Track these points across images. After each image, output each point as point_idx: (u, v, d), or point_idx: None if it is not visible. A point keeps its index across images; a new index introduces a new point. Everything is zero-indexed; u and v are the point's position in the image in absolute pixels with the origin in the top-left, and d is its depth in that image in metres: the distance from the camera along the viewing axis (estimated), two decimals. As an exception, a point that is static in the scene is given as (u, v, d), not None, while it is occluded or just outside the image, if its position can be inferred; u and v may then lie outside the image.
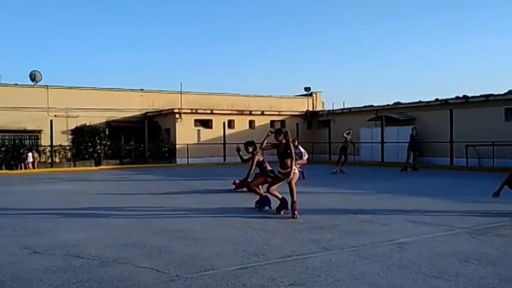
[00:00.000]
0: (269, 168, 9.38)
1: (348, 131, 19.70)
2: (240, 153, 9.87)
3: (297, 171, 8.30)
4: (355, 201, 10.21)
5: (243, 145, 9.97)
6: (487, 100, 22.27)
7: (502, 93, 22.12)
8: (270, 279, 4.40)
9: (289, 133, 8.42)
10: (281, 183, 8.39)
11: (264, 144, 8.59)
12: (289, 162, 8.13)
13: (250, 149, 9.74)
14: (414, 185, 14.05)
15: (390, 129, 25.63)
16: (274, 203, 8.58)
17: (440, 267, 4.78)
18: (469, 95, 23.35)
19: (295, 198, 8.00)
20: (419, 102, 25.66)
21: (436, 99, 24.78)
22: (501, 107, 21.67)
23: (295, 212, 7.94)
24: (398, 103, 26.99)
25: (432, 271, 4.65)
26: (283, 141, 8.21)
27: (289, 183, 8.06)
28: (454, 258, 5.18)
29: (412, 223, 7.43)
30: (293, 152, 8.27)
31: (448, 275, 4.50)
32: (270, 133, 8.72)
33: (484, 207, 9.05)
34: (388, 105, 27.52)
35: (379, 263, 4.96)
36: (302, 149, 15.61)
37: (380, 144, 25.60)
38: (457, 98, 23.80)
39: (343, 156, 18.86)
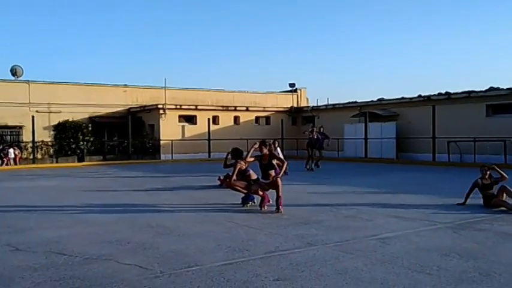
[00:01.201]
0: (254, 177, 9.16)
1: (311, 129, 19.88)
2: (229, 156, 9.79)
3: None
4: (339, 197, 10.24)
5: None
6: (469, 96, 22.59)
7: (484, 89, 22.45)
8: (255, 274, 4.40)
9: (273, 144, 8.54)
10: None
11: (249, 157, 8.76)
12: (273, 173, 8.32)
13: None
14: (397, 181, 14.15)
15: (374, 125, 25.84)
16: (258, 199, 8.60)
17: (422, 262, 4.82)
18: (452, 91, 23.68)
19: (280, 193, 8.04)
20: (403, 98, 25.90)
21: (419, 96, 25.06)
22: (482, 103, 21.99)
23: (280, 207, 7.98)
24: (381, 99, 27.22)
25: (414, 265, 4.69)
26: (267, 153, 8.43)
27: (275, 179, 8.12)
28: (436, 252, 5.23)
29: (395, 218, 7.49)
30: (280, 157, 8.40)
31: (430, 269, 4.55)
32: (255, 146, 8.82)
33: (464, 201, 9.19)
34: (372, 101, 27.75)
35: (363, 258, 4.99)
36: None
37: (363, 140, 25.81)
38: (440, 94, 24.09)
39: (312, 152, 18.68)
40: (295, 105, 34.39)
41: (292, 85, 35.73)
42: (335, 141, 27.99)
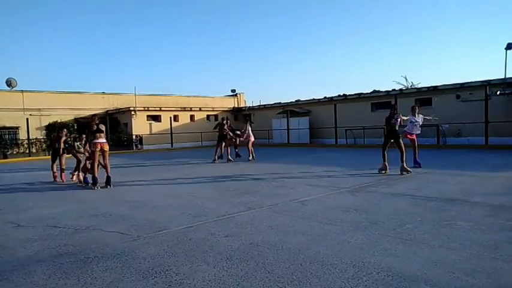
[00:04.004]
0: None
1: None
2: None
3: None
4: (270, 172, 10.28)
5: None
6: (359, 97, 23.52)
7: (369, 92, 23.50)
8: (210, 233, 4.38)
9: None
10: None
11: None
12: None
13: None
14: (311, 159, 14.33)
15: (293, 120, 26.34)
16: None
17: (330, 216, 4.97)
18: (347, 93, 24.55)
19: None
20: (313, 99, 26.48)
21: (325, 97, 25.72)
22: (368, 102, 23.00)
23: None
24: (298, 100, 27.71)
25: (325, 219, 4.83)
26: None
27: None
28: (340, 209, 5.39)
29: (311, 186, 7.64)
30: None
31: (336, 222, 4.70)
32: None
33: (358, 172, 9.61)
34: (291, 102, 28.19)
35: (289, 216, 5.07)
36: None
37: (286, 130, 26.27)
38: (339, 95, 24.87)
39: (223, 143, 14.91)
40: (236, 105, 34.26)
41: (233, 91, 35.71)
42: (266, 132, 28.42)
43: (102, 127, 8.66)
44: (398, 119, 9.22)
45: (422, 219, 4.69)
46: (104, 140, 8.60)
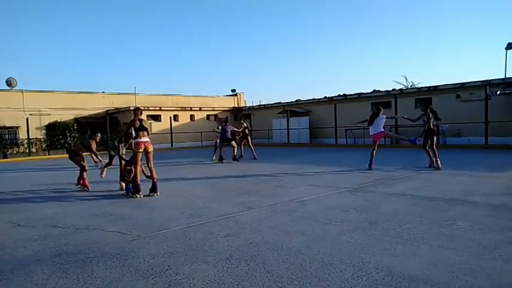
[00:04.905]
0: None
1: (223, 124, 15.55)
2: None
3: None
4: (271, 172, 10.29)
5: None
6: (359, 97, 23.51)
7: (369, 91, 23.49)
8: (210, 233, 4.38)
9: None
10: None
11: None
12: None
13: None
14: (310, 159, 14.34)
15: (293, 119, 26.31)
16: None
17: (330, 216, 4.96)
18: (347, 93, 24.55)
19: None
20: (313, 99, 26.47)
21: (325, 97, 25.72)
22: (368, 102, 22.96)
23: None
24: (298, 100, 27.70)
25: (325, 219, 4.82)
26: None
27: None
28: (339, 209, 5.38)
29: (311, 186, 7.63)
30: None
31: (335, 221, 4.70)
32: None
33: (358, 172, 9.61)
34: (291, 101, 28.18)
35: (288, 216, 5.07)
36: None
37: (286, 130, 26.26)
38: (339, 95, 24.86)
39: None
40: (236, 105, 34.24)
41: (233, 90, 35.64)
42: (266, 131, 28.40)
43: (146, 123, 7.36)
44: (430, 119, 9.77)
45: (422, 219, 4.69)
46: (148, 139, 7.31)
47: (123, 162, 7.83)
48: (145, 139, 7.20)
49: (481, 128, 17.36)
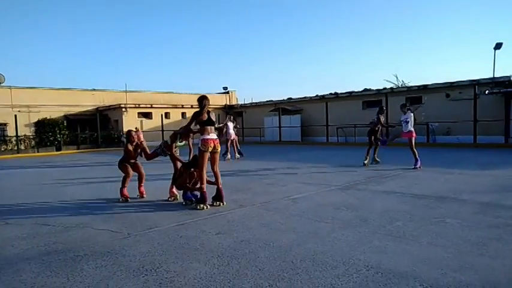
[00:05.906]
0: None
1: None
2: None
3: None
4: (262, 170, 10.31)
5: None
6: (351, 95, 23.63)
7: (360, 90, 23.61)
8: (201, 231, 4.37)
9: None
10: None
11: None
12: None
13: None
14: (301, 157, 14.30)
15: (285, 117, 26.34)
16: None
17: (321, 214, 4.98)
18: (339, 91, 24.64)
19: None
20: (305, 97, 26.52)
21: (316, 95, 25.79)
22: (359, 100, 23.12)
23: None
24: (290, 98, 27.73)
25: (316, 217, 4.84)
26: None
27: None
28: (331, 207, 5.41)
29: (302, 184, 7.65)
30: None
31: (327, 219, 4.72)
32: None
33: (349, 170, 9.67)
34: (283, 100, 28.19)
35: (280, 214, 5.08)
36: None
37: (278, 128, 26.29)
38: (331, 94, 24.93)
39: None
40: (228, 103, 34.18)
41: (225, 88, 35.50)
42: (258, 129, 28.41)
43: (213, 116, 5.97)
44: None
45: (411, 216, 4.74)
46: (216, 136, 5.93)
47: (178, 164, 6.44)
48: (214, 135, 5.83)
49: (470, 127, 17.59)
